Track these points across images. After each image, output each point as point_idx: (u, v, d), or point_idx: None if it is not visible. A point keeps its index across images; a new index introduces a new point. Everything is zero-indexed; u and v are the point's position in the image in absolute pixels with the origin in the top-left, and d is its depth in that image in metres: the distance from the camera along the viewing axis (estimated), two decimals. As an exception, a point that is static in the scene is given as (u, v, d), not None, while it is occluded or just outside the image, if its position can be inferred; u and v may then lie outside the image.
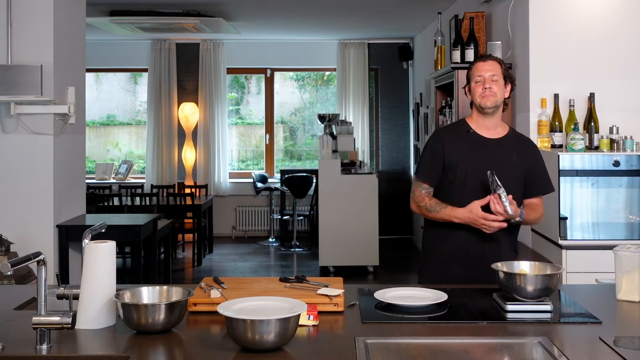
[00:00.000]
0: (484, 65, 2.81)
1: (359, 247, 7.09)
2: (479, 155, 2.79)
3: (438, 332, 2.02)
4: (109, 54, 9.51)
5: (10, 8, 4.62)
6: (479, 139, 2.84)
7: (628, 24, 4.17)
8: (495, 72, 2.79)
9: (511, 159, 2.81)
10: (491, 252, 2.72)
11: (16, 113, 4.62)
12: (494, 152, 2.80)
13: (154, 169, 9.42)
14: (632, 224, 3.57)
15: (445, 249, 2.81)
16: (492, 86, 2.77)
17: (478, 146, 2.82)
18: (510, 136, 2.87)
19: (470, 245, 2.75)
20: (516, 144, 2.86)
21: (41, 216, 4.71)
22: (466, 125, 2.89)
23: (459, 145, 2.83)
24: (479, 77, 2.80)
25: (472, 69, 2.85)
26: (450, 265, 2.79)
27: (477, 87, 2.81)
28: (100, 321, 2.04)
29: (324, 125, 8.17)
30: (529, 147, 2.89)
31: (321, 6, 7.24)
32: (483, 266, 2.65)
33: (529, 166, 2.84)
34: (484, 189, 2.70)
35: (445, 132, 2.95)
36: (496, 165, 2.72)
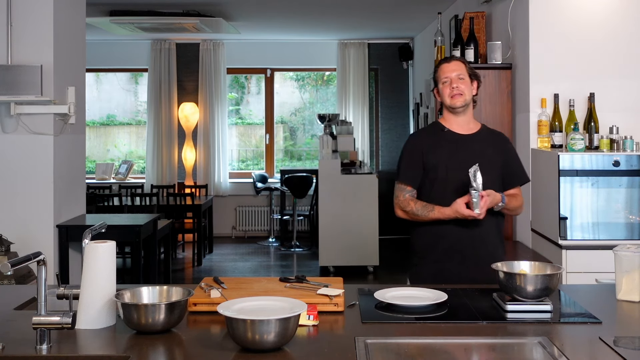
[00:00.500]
0: (449, 66, 2.87)
1: (359, 247, 7.09)
2: (457, 152, 2.85)
3: (438, 332, 2.02)
4: (109, 54, 9.51)
5: (10, 8, 4.62)
6: (454, 136, 2.89)
7: (628, 24, 4.17)
8: (461, 72, 2.85)
9: (487, 153, 2.86)
10: (480, 242, 2.79)
11: (16, 113, 4.62)
12: (470, 147, 2.86)
13: (154, 169, 9.42)
14: (632, 224, 3.57)
15: (437, 247, 2.83)
16: (459, 85, 2.84)
17: (455, 143, 2.87)
18: (483, 131, 2.94)
19: (457, 239, 2.79)
20: (490, 138, 2.93)
21: (41, 216, 4.71)
22: (440, 125, 2.95)
23: (436, 145, 2.88)
24: (446, 78, 2.86)
25: (438, 71, 2.91)
26: (442, 263, 2.81)
27: (444, 88, 2.87)
28: (100, 321, 2.04)
29: (324, 125, 8.16)
30: (502, 141, 2.96)
31: (321, 6, 7.24)
32: (474, 259, 2.76)
33: (505, 158, 2.91)
34: (466, 185, 2.74)
35: (421, 134, 3.03)
36: (474, 160, 2.77)
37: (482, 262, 2.76)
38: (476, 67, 4.59)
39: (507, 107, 4.54)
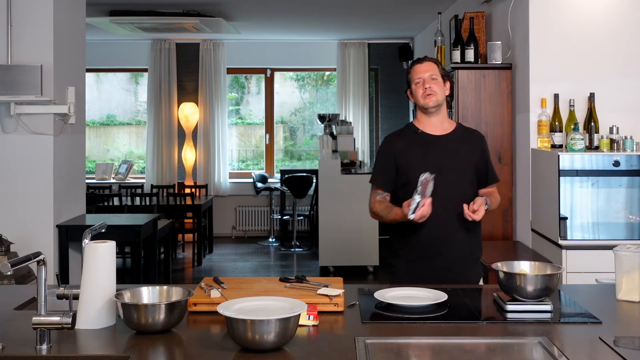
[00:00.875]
0: (422, 67, 2.86)
1: (359, 247, 7.09)
2: (431, 154, 2.84)
3: (438, 332, 2.02)
4: (109, 54, 9.51)
5: (10, 8, 4.62)
6: (427, 137, 2.88)
7: (628, 24, 4.17)
8: (433, 72, 2.85)
9: (462, 152, 2.86)
10: (454, 241, 2.79)
11: (16, 113, 4.62)
12: (444, 148, 2.85)
13: (154, 169, 9.41)
14: (632, 224, 3.57)
15: (411, 247, 2.83)
16: (432, 85, 2.83)
17: (428, 145, 2.86)
18: (458, 130, 2.93)
19: (431, 239, 2.78)
20: (465, 137, 2.92)
21: (41, 216, 4.71)
22: (414, 127, 2.94)
23: (409, 147, 2.88)
24: (418, 79, 2.85)
25: (411, 72, 2.90)
26: (417, 263, 2.81)
27: (417, 88, 2.86)
28: (100, 321, 2.04)
29: (324, 125, 8.16)
30: (478, 139, 2.95)
31: (321, 6, 7.24)
32: (449, 259, 2.77)
33: (482, 156, 2.90)
34: (442, 183, 2.74)
35: (395, 137, 2.99)
36: (449, 159, 2.81)
37: (457, 261, 2.80)
38: (476, 67, 4.60)
39: (507, 107, 4.54)
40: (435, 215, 2.72)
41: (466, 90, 4.55)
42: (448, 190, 2.77)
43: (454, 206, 2.76)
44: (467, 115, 4.53)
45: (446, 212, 2.77)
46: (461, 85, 4.55)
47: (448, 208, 2.77)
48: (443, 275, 2.72)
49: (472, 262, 2.86)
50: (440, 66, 2.90)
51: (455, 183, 2.80)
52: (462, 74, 4.56)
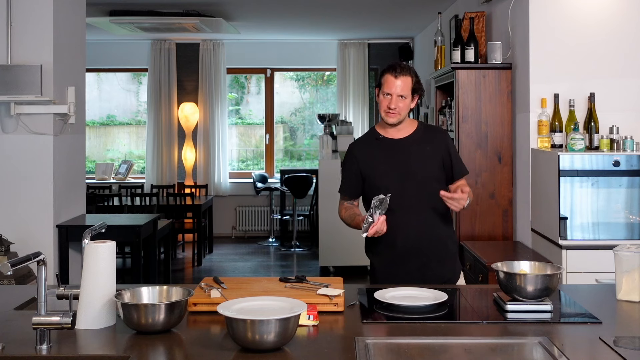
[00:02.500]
0: (394, 82, 2.76)
1: (359, 247, 7.03)
2: (393, 156, 2.84)
3: (438, 332, 2.02)
4: (109, 54, 9.51)
5: (10, 8, 4.62)
6: (389, 142, 2.87)
7: (628, 24, 4.17)
8: (404, 92, 2.76)
9: (426, 151, 2.85)
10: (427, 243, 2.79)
11: (16, 113, 4.62)
12: (408, 149, 2.84)
13: (154, 169, 9.41)
14: (632, 224, 3.57)
15: (386, 249, 2.81)
16: (398, 105, 2.77)
17: (390, 149, 2.85)
18: (419, 130, 2.90)
19: (405, 241, 2.77)
20: (427, 135, 2.89)
21: (41, 216, 4.71)
22: (375, 132, 2.92)
23: (371, 154, 2.87)
24: (387, 93, 2.78)
25: (384, 79, 2.80)
26: (393, 266, 2.80)
27: (384, 100, 2.80)
28: (100, 321, 2.04)
29: (324, 125, 8.16)
30: (440, 135, 2.93)
31: (321, 6, 7.24)
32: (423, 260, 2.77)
33: (446, 152, 2.87)
34: (409, 186, 2.76)
35: (357, 144, 2.98)
36: (413, 161, 2.80)
37: (432, 261, 2.79)
38: (476, 67, 4.60)
39: (507, 107, 4.54)
40: (405, 218, 2.74)
41: (466, 90, 4.55)
42: (415, 191, 2.78)
43: (423, 207, 2.78)
44: (467, 115, 4.53)
45: (415, 214, 2.78)
46: (461, 85, 4.55)
47: (417, 209, 2.78)
48: (419, 276, 2.74)
49: (448, 259, 2.85)
50: (414, 79, 2.80)
51: (422, 184, 2.80)
52: (462, 74, 4.56)
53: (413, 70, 2.83)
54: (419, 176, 2.80)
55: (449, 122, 4.99)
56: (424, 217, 2.79)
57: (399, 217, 2.75)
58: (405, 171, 2.80)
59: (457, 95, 4.56)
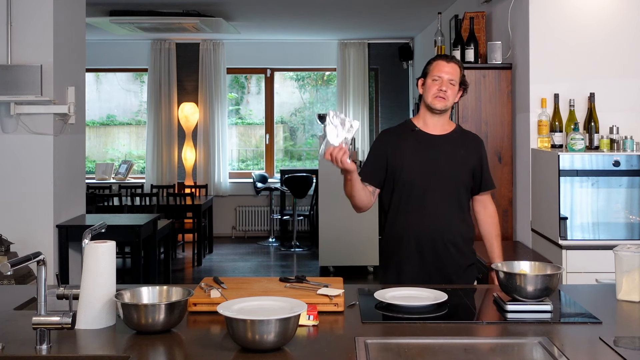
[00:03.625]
0: (446, 67, 2.75)
1: (359, 247, 7.09)
2: (425, 152, 2.77)
3: (438, 332, 2.02)
4: (109, 54, 9.51)
5: (10, 8, 4.62)
6: (424, 136, 2.81)
7: (628, 24, 4.17)
8: (454, 77, 2.75)
9: (459, 154, 2.79)
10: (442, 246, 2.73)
11: (16, 113, 4.62)
12: (440, 148, 2.78)
13: (154, 169, 9.41)
14: (632, 224, 3.57)
15: (399, 250, 2.78)
16: (448, 89, 2.74)
17: (424, 144, 2.79)
18: (456, 132, 2.85)
19: (419, 242, 2.73)
20: (463, 139, 2.85)
21: (41, 216, 4.71)
22: (411, 124, 2.86)
23: (403, 145, 2.80)
24: (438, 76, 2.75)
25: (433, 65, 2.78)
26: (404, 266, 2.76)
27: (432, 85, 2.76)
28: (100, 321, 2.04)
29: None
30: (476, 143, 2.88)
31: (321, 6, 7.24)
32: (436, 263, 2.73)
33: (478, 161, 2.83)
34: (435, 186, 2.72)
35: (390, 132, 2.91)
36: (444, 161, 2.75)
37: (444, 266, 2.73)
38: (476, 67, 4.59)
39: (507, 107, 4.54)
40: (424, 219, 2.71)
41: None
42: (441, 192, 2.73)
43: (444, 210, 2.73)
44: (467, 115, 4.53)
45: (435, 217, 2.72)
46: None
47: (437, 212, 2.72)
48: (428, 280, 2.70)
49: (464, 268, 2.78)
50: (462, 71, 2.80)
51: (449, 185, 2.75)
52: (462, 74, 4.55)
53: (461, 63, 2.83)
54: (446, 178, 2.75)
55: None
56: (444, 222, 2.73)
57: (418, 218, 2.72)
58: (434, 170, 2.73)
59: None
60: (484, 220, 2.89)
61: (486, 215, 2.89)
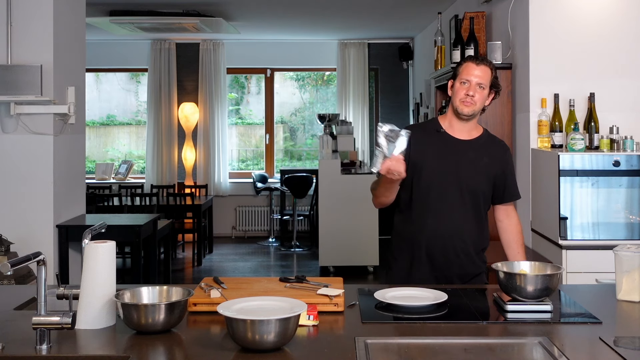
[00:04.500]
0: (475, 70, 2.66)
1: (359, 247, 7.09)
2: (448, 156, 2.69)
3: (438, 332, 2.02)
4: (109, 54, 9.51)
5: (10, 8, 4.62)
6: (449, 139, 2.73)
7: (628, 24, 4.17)
8: (484, 81, 2.66)
9: (482, 162, 2.71)
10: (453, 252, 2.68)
11: (16, 113, 4.62)
12: (464, 153, 2.70)
13: (154, 169, 9.42)
14: (632, 224, 3.57)
15: (408, 254, 2.73)
16: (476, 94, 2.65)
17: (447, 147, 2.71)
18: (482, 137, 2.77)
19: (429, 247, 2.68)
20: (489, 146, 2.76)
21: (41, 216, 4.71)
22: (437, 124, 2.77)
23: (427, 144, 2.71)
24: (466, 80, 2.66)
25: (463, 67, 2.70)
26: (412, 270, 2.71)
27: (460, 89, 2.67)
28: (100, 321, 2.04)
29: (324, 125, 8.16)
30: (502, 150, 2.79)
31: (321, 6, 7.24)
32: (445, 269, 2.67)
33: (502, 170, 2.75)
34: (453, 191, 2.66)
35: (416, 128, 2.78)
36: (466, 168, 2.67)
37: (452, 273, 2.69)
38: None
39: (507, 107, 4.54)
40: (439, 225, 2.65)
41: (466, 90, 4.54)
42: (457, 198, 2.67)
43: (460, 218, 2.67)
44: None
45: (451, 223, 2.67)
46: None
47: (454, 219, 2.67)
48: (449, 280, 2.68)
49: (476, 276, 2.75)
50: (494, 74, 2.70)
51: (467, 192, 2.67)
52: (462, 74, 4.55)
53: (493, 65, 2.72)
54: (465, 185, 2.67)
55: (449, 122, 4.98)
56: (459, 229, 2.67)
57: (431, 222, 2.66)
58: (454, 175, 2.66)
59: (457, 95, 4.55)
60: (507, 230, 2.80)
61: (510, 224, 2.81)
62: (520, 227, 2.84)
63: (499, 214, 2.83)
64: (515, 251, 2.80)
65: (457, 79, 2.70)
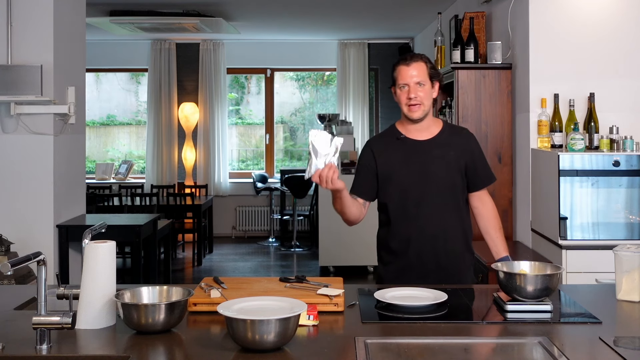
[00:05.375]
0: (408, 71, 2.61)
1: (359, 247, 7.08)
2: (414, 160, 2.67)
3: (438, 332, 2.02)
4: (109, 54, 9.51)
5: (10, 8, 4.62)
6: (411, 143, 2.70)
7: (628, 24, 4.17)
8: (421, 77, 2.61)
9: (450, 156, 2.68)
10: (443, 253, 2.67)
11: (16, 113, 4.62)
12: (429, 153, 2.67)
13: (154, 169, 9.42)
14: (632, 224, 3.57)
15: (398, 257, 2.71)
16: (418, 94, 2.61)
17: (411, 151, 2.69)
18: (444, 131, 2.73)
19: (420, 250, 2.67)
20: (452, 139, 2.72)
21: (41, 216, 4.71)
22: (396, 131, 2.75)
23: (391, 154, 2.69)
24: (404, 84, 2.62)
25: (396, 72, 2.65)
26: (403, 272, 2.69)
27: (402, 94, 2.64)
28: (100, 321, 2.04)
29: (324, 125, 8.16)
30: (466, 139, 2.75)
31: (321, 6, 7.24)
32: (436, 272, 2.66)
33: (471, 158, 2.72)
34: (428, 193, 2.64)
35: (376, 141, 2.79)
36: (435, 166, 2.65)
37: (446, 273, 2.67)
38: (476, 67, 4.60)
39: (507, 107, 4.54)
40: (421, 228, 2.64)
41: (466, 90, 4.55)
42: (435, 198, 2.66)
43: (441, 217, 2.66)
44: (467, 115, 4.53)
45: (433, 224, 2.66)
46: (461, 85, 4.55)
47: (435, 219, 2.66)
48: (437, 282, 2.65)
49: (464, 273, 2.74)
50: (429, 65, 2.64)
51: (443, 190, 2.67)
52: (462, 74, 4.56)
53: (425, 56, 2.66)
54: (438, 183, 2.65)
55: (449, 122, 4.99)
56: (442, 227, 2.66)
57: (415, 226, 2.65)
58: (425, 177, 2.64)
59: (457, 95, 4.56)
60: (483, 215, 2.78)
61: (485, 210, 2.79)
62: (495, 212, 2.81)
63: (473, 201, 2.79)
64: (494, 236, 2.77)
65: (395, 85, 2.67)
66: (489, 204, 2.81)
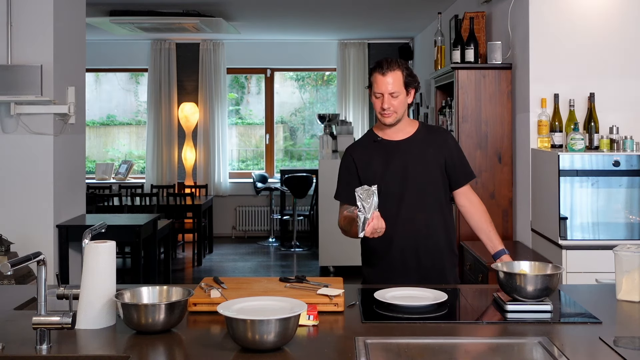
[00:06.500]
0: (383, 80, 2.63)
1: (359, 247, 7.07)
2: (393, 161, 2.70)
3: (438, 332, 2.02)
4: (109, 54, 9.51)
5: (10, 8, 4.62)
6: (388, 144, 2.74)
7: (628, 24, 4.17)
8: (395, 88, 2.63)
9: (428, 154, 2.71)
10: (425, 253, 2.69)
11: (16, 113, 4.62)
12: (408, 153, 2.71)
13: (154, 169, 9.42)
14: (632, 224, 3.57)
15: (382, 258, 2.73)
16: (392, 104, 2.64)
17: (389, 152, 2.72)
18: (420, 131, 2.77)
19: (402, 251, 2.69)
20: (429, 137, 2.76)
21: (41, 216, 4.71)
22: (373, 135, 2.79)
23: (370, 157, 2.74)
24: (379, 93, 2.65)
25: (373, 79, 2.68)
26: (388, 273, 2.71)
27: (376, 102, 2.68)
28: (100, 321, 2.04)
29: (324, 125, 8.16)
30: (443, 137, 2.79)
31: (321, 6, 7.24)
32: (419, 271, 2.67)
33: (449, 155, 2.74)
34: (409, 193, 2.66)
35: (355, 147, 2.83)
36: (414, 166, 2.68)
37: (429, 272, 2.68)
38: (476, 67, 4.60)
39: (507, 107, 4.54)
40: (404, 226, 2.66)
41: (466, 90, 4.55)
42: (416, 197, 2.68)
43: (423, 214, 2.68)
44: (467, 115, 4.53)
45: (415, 222, 2.67)
46: (461, 85, 4.55)
47: (417, 217, 2.67)
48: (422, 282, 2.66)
49: (448, 270, 2.75)
50: (405, 72, 2.66)
51: (423, 190, 2.69)
52: (462, 74, 4.56)
53: (402, 63, 2.68)
54: (419, 182, 2.68)
55: (449, 122, 4.99)
56: (424, 226, 2.68)
57: (398, 225, 2.66)
58: (405, 176, 2.68)
59: (457, 95, 4.56)
60: (472, 212, 2.79)
61: (472, 206, 2.79)
62: (483, 207, 2.82)
63: (459, 200, 2.81)
64: (487, 232, 2.77)
65: (371, 90, 2.70)
66: (475, 200, 2.82)
